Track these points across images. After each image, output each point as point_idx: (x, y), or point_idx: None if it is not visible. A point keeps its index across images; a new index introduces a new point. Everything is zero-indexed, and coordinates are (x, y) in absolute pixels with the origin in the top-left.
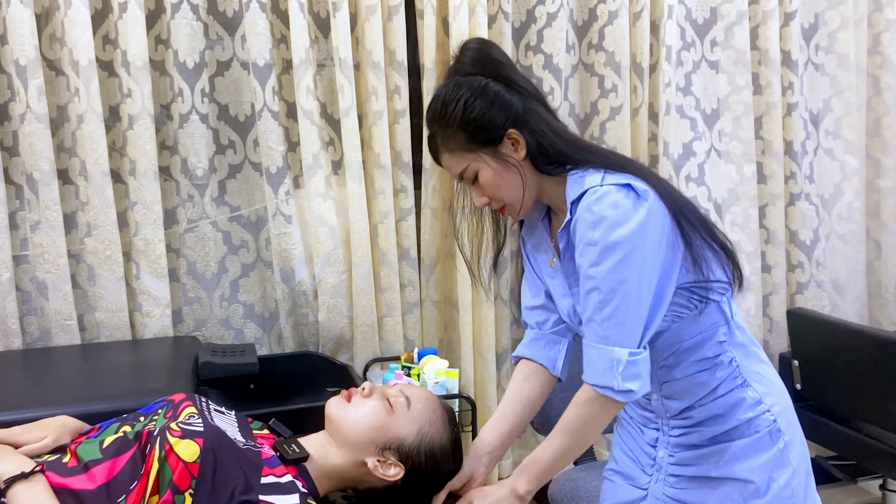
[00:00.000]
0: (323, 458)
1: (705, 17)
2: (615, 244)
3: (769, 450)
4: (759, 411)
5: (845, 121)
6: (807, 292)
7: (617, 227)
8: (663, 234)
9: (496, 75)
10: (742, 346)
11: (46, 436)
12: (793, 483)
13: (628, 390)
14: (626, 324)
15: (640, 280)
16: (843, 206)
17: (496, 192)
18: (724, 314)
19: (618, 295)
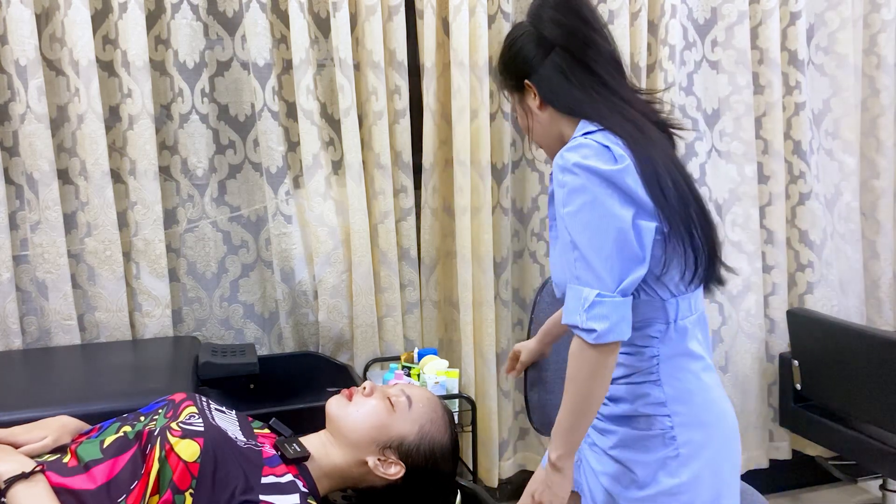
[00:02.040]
0: (324, 457)
1: (706, 17)
2: (582, 187)
3: (657, 452)
4: (658, 412)
5: (843, 121)
6: (816, 292)
7: (582, 172)
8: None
9: (537, 23)
10: (673, 349)
11: (47, 436)
12: (679, 496)
13: (591, 329)
14: (595, 266)
15: (607, 225)
16: (843, 206)
17: (529, 134)
18: (667, 313)
19: (583, 235)
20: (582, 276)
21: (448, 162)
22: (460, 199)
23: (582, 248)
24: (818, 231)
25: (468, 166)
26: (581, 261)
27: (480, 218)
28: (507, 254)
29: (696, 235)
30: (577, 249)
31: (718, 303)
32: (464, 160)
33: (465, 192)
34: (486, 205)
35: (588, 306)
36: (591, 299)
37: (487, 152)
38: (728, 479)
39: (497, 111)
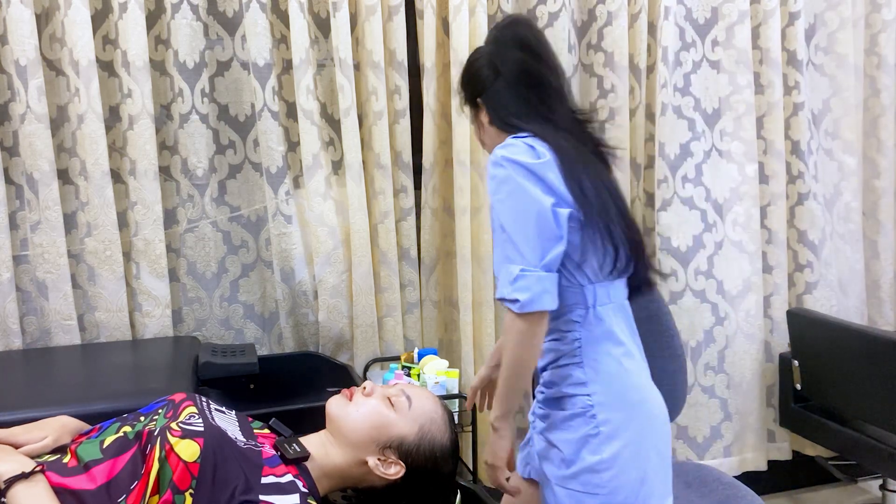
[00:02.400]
0: (324, 457)
1: (706, 17)
2: (507, 177)
3: (578, 430)
4: (579, 391)
5: (843, 121)
6: (815, 292)
7: (507, 164)
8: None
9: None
10: (593, 334)
11: (47, 436)
12: (602, 474)
13: (515, 300)
14: (520, 245)
15: (528, 208)
16: (842, 206)
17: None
18: (586, 299)
19: (508, 217)
20: (509, 254)
21: (448, 162)
22: (460, 199)
23: (508, 231)
24: (817, 231)
25: (468, 166)
26: (508, 242)
27: (480, 218)
28: None
29: (615, 232)
30: (505, 232)
31: (712, 302)
32: (464, 160)
33: (465, 192)
34: (486, 205)
35: (513, 279)
36: (515, 273)
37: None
38: (655, 463)
39: None
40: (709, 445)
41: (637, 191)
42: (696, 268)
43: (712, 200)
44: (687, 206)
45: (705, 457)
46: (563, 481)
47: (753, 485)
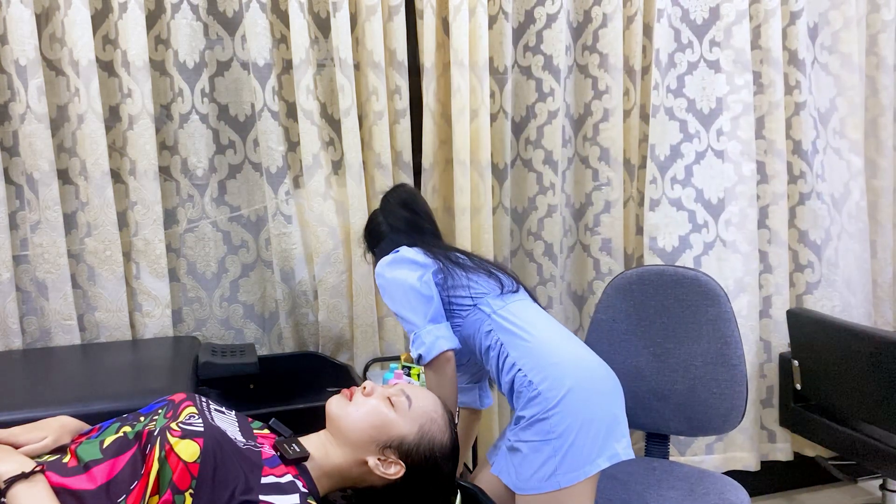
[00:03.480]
0: (323, 457)
1: (704, 18)
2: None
3: (525, 398)
4: (514, 372)
5: (849, 120)
6: (816, 292)
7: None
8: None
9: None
10: (506, 329)
11: (47, 436)
12: (551, 419)
13: (418, 356)
14: (408, 318)
15: (403, 289)
16: (852, 204)
17: None
18: (484, 311)
19: (397, 306)
20: (407, 327)
21: (448, 162)
22: (460, 199)
23: (399, 312)
24: (819, 231)
25: (468, 166)
26: (402, 320)
27: (480, 218)
28: (507, 254)
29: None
30: (399, 316)
31: None
32: (464, 160)
33: (465, 192)
34: (486, 205)
35: (412, 343)
36: (411, 338)
37: (487, 152)
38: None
39: (498, 111)
40: (690, 442)
41: (631, 191)
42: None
43: (704, 201)
44: (675, 206)
45: (686, 453)
46: (520, 434)
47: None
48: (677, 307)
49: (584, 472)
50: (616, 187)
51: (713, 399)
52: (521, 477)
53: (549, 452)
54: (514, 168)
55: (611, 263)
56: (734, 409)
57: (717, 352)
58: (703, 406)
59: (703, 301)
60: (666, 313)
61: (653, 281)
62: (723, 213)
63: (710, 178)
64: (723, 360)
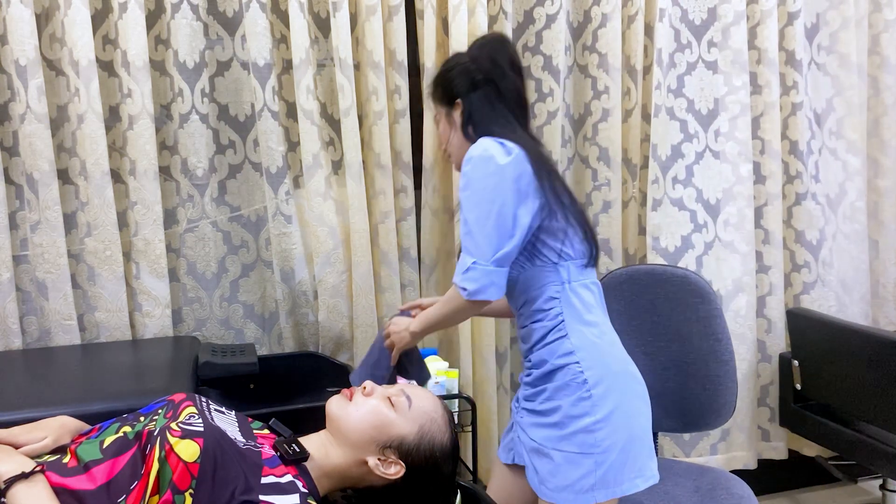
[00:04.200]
0: (323, 457)
1: (702, 18)
2: (476, 176)
3: (571, 395)
4: (568, 360)
5: (847, 121)
6: (813, 292)
7: (480, 163)
8: (518, 181)
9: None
10: (573, 307)
11: (46, 436)
12: (596, 433)
13: (463, 288)
14: (477, 239)
15: (490, 207)
16: (847, 205)
17: (444, 141)
18: (560, 276)
19: (472, 214)
20: (468, 246)
21: (448, 162)
22: None
23: (470, 224)
24: (814, 231)
25: None
26: (468, 235)
27: None
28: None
29: (570, 218)
30: (467, 225)
31: None
32: None
33: None
34: None
35: (465, 270)
36: (468, 264)
37: None
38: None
39: None
40: (695, 442)
41: (633, 191)
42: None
43: (703, 201)
44: (676, 206)
45: (692, 454)
46: (557, 443)
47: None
48: (667, 306)
49: (623, 490)
50: (615, 187)
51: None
52: (552, 486)
53: (590, 467)
54: None
55: (609, 264)
56: (726, 404)
57: (708, 349)
58: (697, 402)
59: (693, 299)
60: (656, 312)
61: (643, 280)
62: (721, 213)
63: (709, 179)
64: (714, 356)
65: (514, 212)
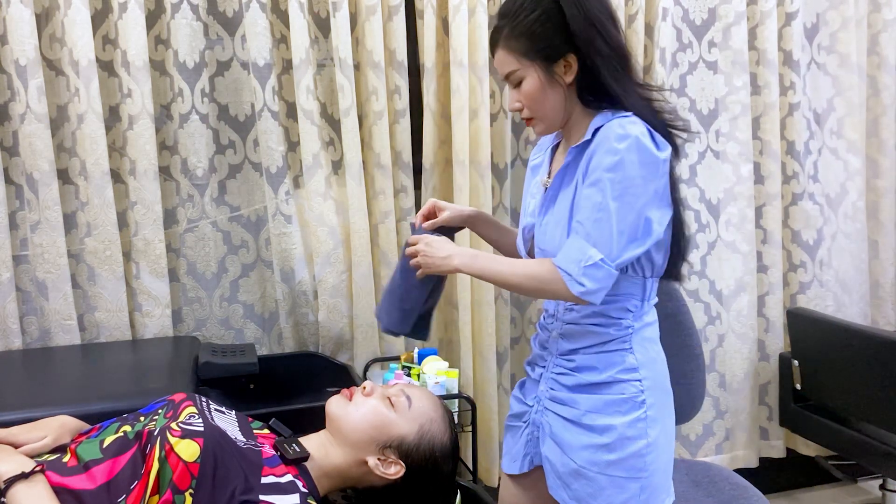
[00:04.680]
0: (323, 457)
1: (703, 18)
2: (632, 159)
3: (627, 414)
4: (630, 377)
5: (847, 120)
6: (809, 292)
7: (639, 147)
8: (665, 186)
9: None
10: (643, 322)
11: (46, 435)
12: (646, 457)
13: (581, 283)
14: (611, 232)
15: (633, 202)
16: (849, 205)
17: (533, 104)
18: (644, 291)
19: (614, 203)
20: (594, 234)
21: (448, 162)
22: (460, 200)
23: (609, 212)
24: (811, 231)
25: (468, 166)
26: (602, 223)
27: None
28: None
29: (679, 231)
30: (603, 212)
31: (705, 302)
32: (464, 160)
33: (465, 192)
34: (486, 205)
35: (588, 264)
36: (594, 259)
37: (487, 152)
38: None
39: (498, 111)
40: (702, 443)
41: None
42: (688, 267)
43: (706, 201)
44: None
45: (698, 454)
46: (606, 468)
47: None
48: None
49: None
50: None
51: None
52: None
53: (635, 491)
54: (514, 168)
55: None
56: (697, 397)
57: (680, 344)
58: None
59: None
60: None
61: None
62: (723, 213)
63: (711, 179)
64: (687, 351)
65: (652, 216)
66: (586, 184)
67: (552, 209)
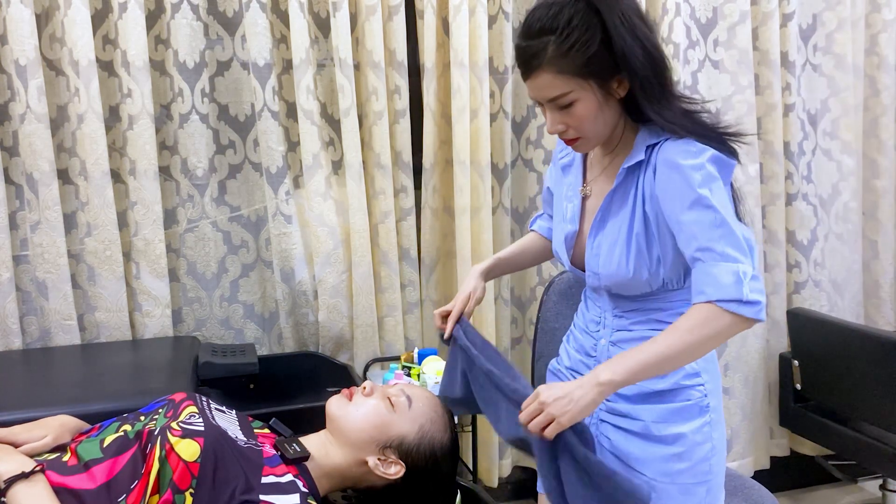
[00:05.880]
0: (324, 457)
1: (708, 17)
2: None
3: (694, 420)
4: (694, 382)
5: (842, 121)
6: (804, 292)
7: (719, 163)
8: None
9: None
10: None
11: (47, 435)
12: (711, 461)
13: (755, 301)
14: (741, 245)
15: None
16: (840, 206)
17: (585, 125)
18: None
19: (726, 214)
20: (730, 252)
21: (448, 162)
22: (460, 199)
23: (729, 225)
24: (805, 232)
25: (468, 166)
26: (729, 237)
27: (480, 218)
28: None
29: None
30: (723, 227)
31: None
32: (464, 160)
33: (465, 192)
34: (486, 205)
35: (750, 279)
36: (750, 273)
37: (487, 152)
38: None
39: (498, 111)
40: (729, 448)
41: None
42: None
43: None
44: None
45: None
46: (677, 477)
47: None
48: None
49: None
50: None
51: None
52: None
53: (703, 494)
54: (515, 168)
55: None
56: None
57: None
58: None
59: None
60: None
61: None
62: None
63: None
64: None
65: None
66: (682, 209)
67: (603, 231)
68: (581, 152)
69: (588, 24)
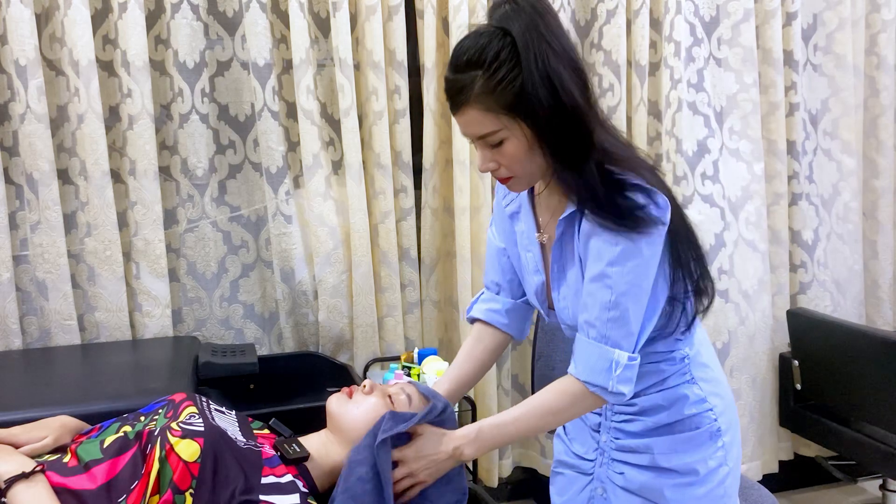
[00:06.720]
0: (324, 456)
1: (712, 15)
2: (638, 250)
3: (708, 447)
4: (702, 409)
5: (842, 121)
6: (809, 292)
7: (654, 228)
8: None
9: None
10: (696, 348)
11: (47, 435)
12: (726, 482)
13: (620, 392)
14: (629, 327)
15: (646, 288)
16: (841, 206)
17: (516, 165)
18: (687, 315)
19: (629, 298)
20: (612, 336)
21: (448, 162)
22: (460, 199)
23: (622, 308)
24: (809, 232)
25: (468, 166)
26: (617, 322)
27: (480, 218)
28: None
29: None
30: (616, 309)
31: (735, 302)
32: (464, 160)
33: (465, 192)
34: (486, 205)
35: (619, 368)
36: (622, 363)
37: None
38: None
39: None
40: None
41: None
42: (718, 267)
43: (727, 198)
44: (708, 203)
45: None
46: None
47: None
48: None
49: None
50: None
51: None
52: None
53: None
54: None
55: None
56: None
57: None
58: None
59: None
60: None
61: None
62: (741, 211)
63: (728, 176)
64: None
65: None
66: (588, 277)
67: (564, 282)
68: (516, 191)
69: (517, 58)
